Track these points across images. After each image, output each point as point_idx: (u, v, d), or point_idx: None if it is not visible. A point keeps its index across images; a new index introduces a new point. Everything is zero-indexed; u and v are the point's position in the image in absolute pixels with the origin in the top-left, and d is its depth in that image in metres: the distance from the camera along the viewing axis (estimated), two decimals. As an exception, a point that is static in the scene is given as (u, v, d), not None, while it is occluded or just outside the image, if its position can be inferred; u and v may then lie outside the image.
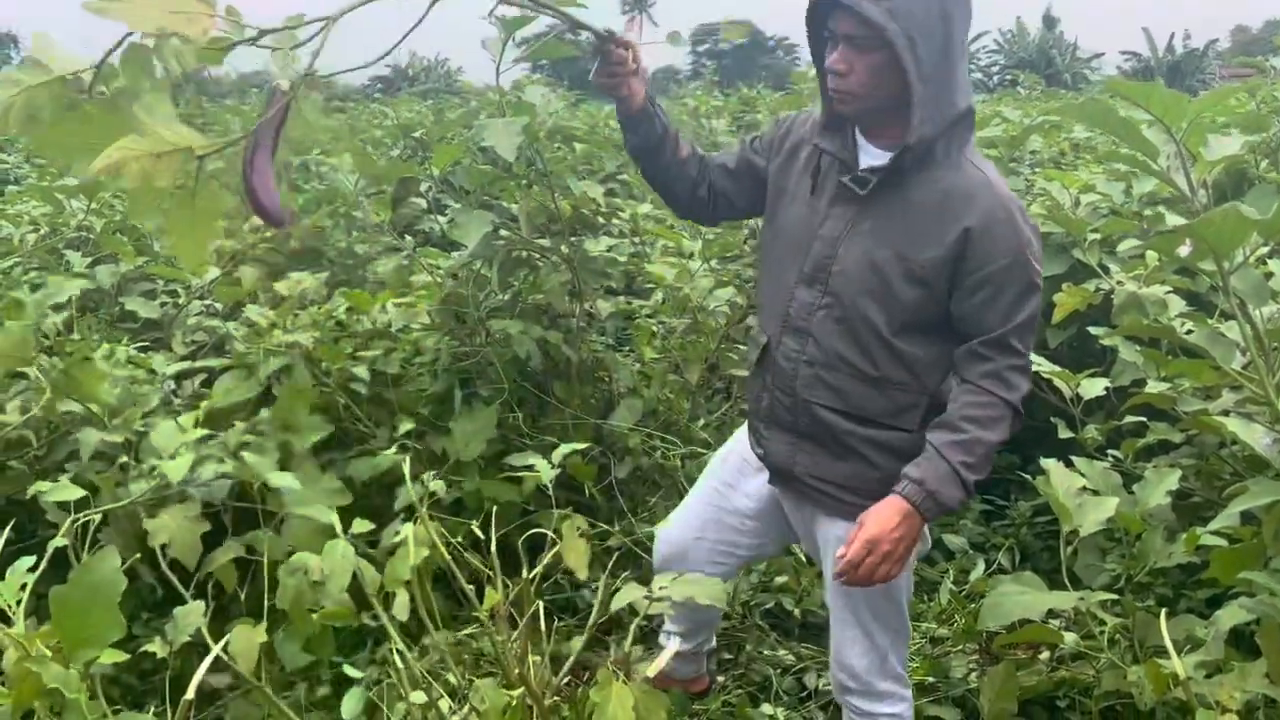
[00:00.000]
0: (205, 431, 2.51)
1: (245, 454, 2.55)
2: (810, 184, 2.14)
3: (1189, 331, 2.43)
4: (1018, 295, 1.97)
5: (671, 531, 2.51)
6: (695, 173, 2.31)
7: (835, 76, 1.98)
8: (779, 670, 2.95)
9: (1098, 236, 3.32)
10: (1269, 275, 2.24)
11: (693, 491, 2.57)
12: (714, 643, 2.81)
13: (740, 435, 2.47)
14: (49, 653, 1.72)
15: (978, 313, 1.98)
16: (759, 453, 2.30)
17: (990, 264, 1.95)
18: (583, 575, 2.08)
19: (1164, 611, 2.09)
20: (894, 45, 1.87)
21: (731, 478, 2.43)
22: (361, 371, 3.12)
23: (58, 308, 3.01)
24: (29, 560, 1.86)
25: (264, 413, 2.90)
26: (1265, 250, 2.14)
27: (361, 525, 2.25)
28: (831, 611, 2.30)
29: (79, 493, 2.26)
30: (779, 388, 2.18)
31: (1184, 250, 1.85)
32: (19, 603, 1.82)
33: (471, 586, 2.25)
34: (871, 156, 2.08)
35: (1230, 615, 2.00)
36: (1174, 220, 1.83)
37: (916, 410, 2.11)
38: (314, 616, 2.19)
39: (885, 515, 1.96)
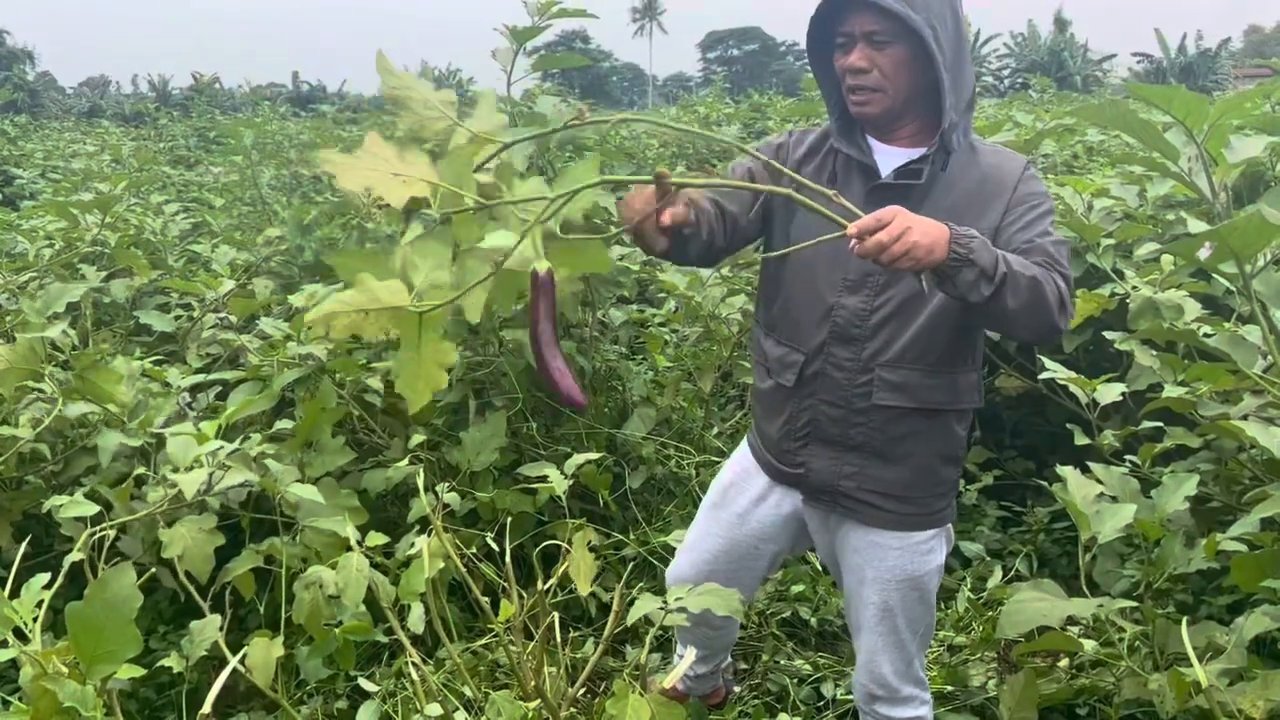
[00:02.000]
0: (221, 443, 2.51)
1: (268, 462, 2.55)
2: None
3: (1207, 335, 2.41)
4: (1048, 224, 2.01)
5: (685, 571, 2.43)
6: (710, 237, 2.14)
7: (857, 75, 2.00)
8: (796, 680, 2.93)
9: (1112, 241, 3.30)
10: (1288, 278, 2.22)
11: (699, 526, 2.47)
12: (730, 658, 2.80)
13: (740, 462, 2.42)
14: (65, 670, 1.72)
15: (1014, 238, 1.99)
16: (796, 473, 2.24)
17: (1024, 204, 2.01)
18: (584, 591, 2.07)
19: (1185, 619, 2.07)
20: (921, 36, 1.91)
21: (740, 506, 2.37)
22: (375, 383, 3.12)
23: (58, 316, 3.01)
24: (44, 577, 1.86)
25: (279, 424, 2.90)
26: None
27: (376, 539, 2.24)
28: (863, 621, 2.27)
29: (93, 509, 2.26)
30: (828, 400, 2.14)
31: (1204, 253, 1.83)
32: (35, 619, 1.82)
33: (487, 599, 2.25)
34: (890, 157, 2.08)
35: (1254, 624, 1.98)
36: (1195, 224, 1.82)
37: (974, 389, 2.15)
38: (335, 632, 2.19)
39: (925, 219, 1.78)
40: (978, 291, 1.80)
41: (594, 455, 2.56)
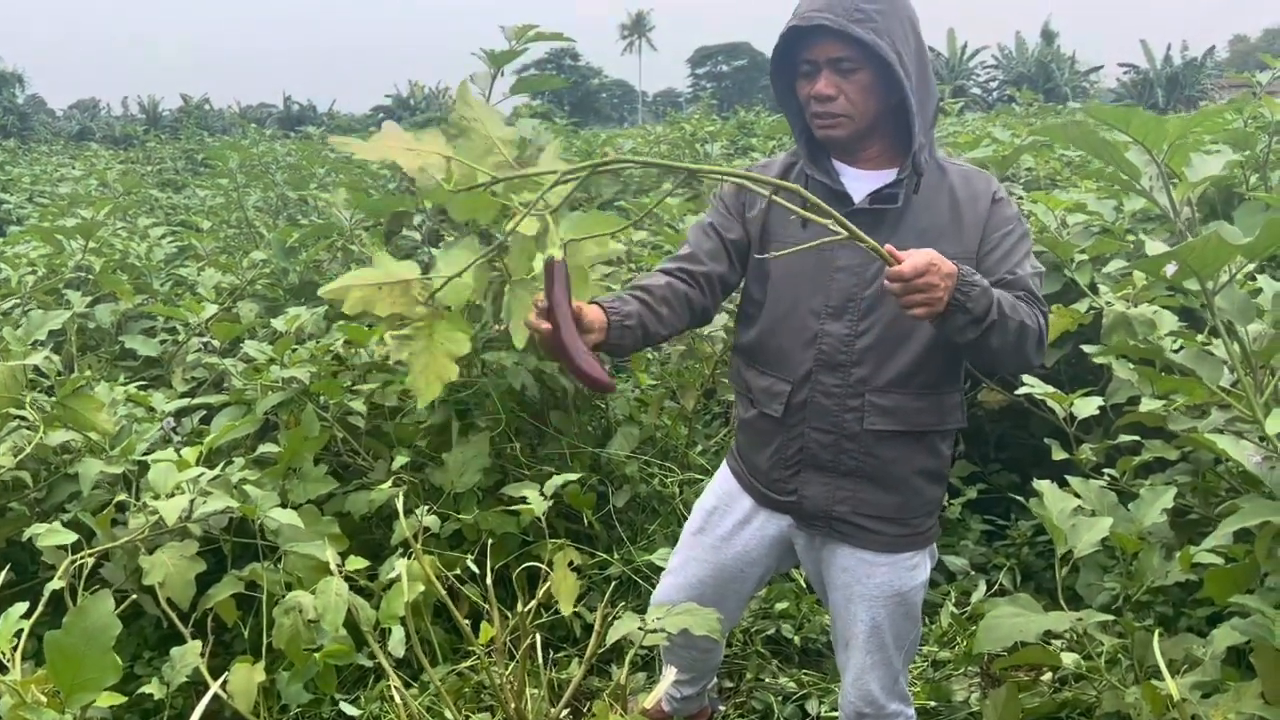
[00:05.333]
0: (202, 470, 2.52)
1: (248, 488, 2.56)
2: (801, 221, 2.11)
3: (1179, 349, 2.43)
4: (1026, 251, 2.08)
5: (671, 595, 2.41)
6: (688, 309, 2.17)
7: (823, 102, 2.02)
8: (780, 698, 2.94)
9: (1086, 257, 3.33)
10: (1256, 292, 2.25)
11: (683, 552, 2.46)
12: (715, 678, 2.80)
13: (722, 486, 2.42)
14: (45, 699, 1.73)
15: (996, 267, 2.04)
16: (788, 500, 2.24)
17: (1000, 230, 2.07)
18: (567, 611, 2.08)
19: (1158, 632, 2.09)
20: (887, 62, 1.93)
21: (725, 530, 2.36)
22: (359, 405, 3.13)
23: (40, 343, 3.02)
24: (23, 606, 1.87)
25: (263, 447, 2.91)
26: (1252, 266, 2.15)
27: (356, 562, 2.25)
28: (852, 639, 2.27)
29: (73, 537, 2.27)
30: (818, 428, 2.15)
31: (1170, 270, 1.86)
32: (15, 648, 1.83)
33: (468, 622, 2.26)
34: (859, 181, 2.10)
35: (1225, 636, 2.00)
36: (1153, 245, 1.85)
37: (958, 408, 2.19)
38: (314, 656, 2.19)
39: (948, 264, 1.82)
40: (964, 334, 1.88)
41: (574, 476, 2.57)
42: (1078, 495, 2.44)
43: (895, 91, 1.99)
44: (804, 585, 3.25)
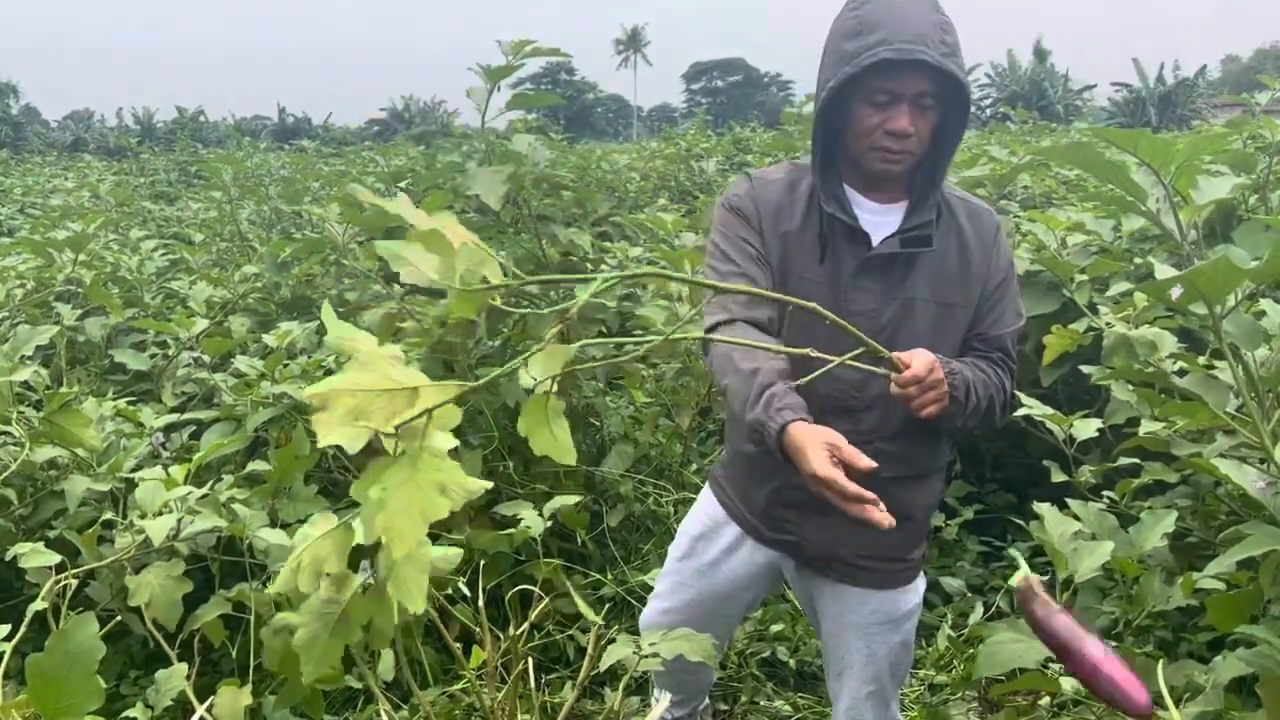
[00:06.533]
0: (190, 488, 2.48)
1: (237, 507, 2.52)
2: (819, 253, 2.03)
3: (1181, 372, 2.41)
4: (1013, 298, 2.09)
5: (657, 620, 2.37)
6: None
7: (899, 139, 1.91)
8: (775, 721, 2.90)
9: (1085, 277, 3.31)
10: (1260, 315, 2.22)
11: (670, 578, 2.40)
12: (709, 700, 2.76)
13: (708, 512, 2.36)
14: (24, 723, 1.69)
15: (985, 318, 2.06)
16: (787, 539, 2.19)
17: (997, 280, 2.07)
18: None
19: (1161, 659, 2.05)
20: (966, 103, 1.91)
21: (711, 556, 2.31)
22: (351, 422, 3.09)
23: (28, 358, 2.98)
24: (5, 627, 1.83)
25: (253, 464, 2.87)
26: (1257, 289, 2.13)
27: (347, 583, 2.21)
28: (846, 670, 2.24)
29: (55, 558, 2.23)
30: None
31: (1175, 293, 1.83)
32: (-4, 671, 1.79)
33: (459, 644, 2.22)
34: (872, 214, 2.03)
35: (1229, 666, 1.96)
36: (1162, 269, 1.82)
37: (949, 443, 2.24)
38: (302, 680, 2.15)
39: (931, 353, 1.84)
40: (952, 422, 1.94)
41: (572, 499, 2.53)
42: (1078, 518, 2.41)
43: (946, 132, 1.96)
44: (800, 607, 3.22)
